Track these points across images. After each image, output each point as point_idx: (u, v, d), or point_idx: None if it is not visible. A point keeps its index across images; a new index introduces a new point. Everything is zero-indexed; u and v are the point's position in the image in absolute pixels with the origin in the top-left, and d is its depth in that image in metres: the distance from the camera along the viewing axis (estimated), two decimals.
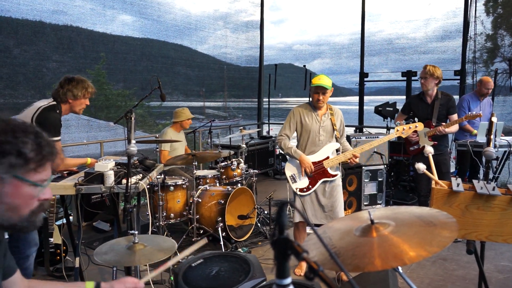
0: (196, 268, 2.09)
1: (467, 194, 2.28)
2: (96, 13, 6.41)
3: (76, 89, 3.21)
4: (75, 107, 3.28)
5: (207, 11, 8.59)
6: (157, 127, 8.10)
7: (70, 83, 3.21)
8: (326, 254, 1.42)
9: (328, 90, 3.59)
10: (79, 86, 3.23)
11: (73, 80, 3.24)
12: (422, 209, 1.67)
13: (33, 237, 3.19)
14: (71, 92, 3.20)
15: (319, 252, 1.48)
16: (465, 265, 4.07)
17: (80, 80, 3.27)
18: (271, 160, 8.31)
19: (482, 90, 5.47)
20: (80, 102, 3.28)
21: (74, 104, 3.26)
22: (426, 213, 1.60)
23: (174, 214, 4.60)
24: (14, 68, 5.37)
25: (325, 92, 3.59)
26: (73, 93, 3.20)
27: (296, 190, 3.71)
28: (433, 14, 7.64)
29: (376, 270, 2.13)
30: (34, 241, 3.20)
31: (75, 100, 3.24)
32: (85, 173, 3.03)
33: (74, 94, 3.20)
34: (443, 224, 1.44)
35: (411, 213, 1.63)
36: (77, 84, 3.23)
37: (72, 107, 3.28)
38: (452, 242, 1.24)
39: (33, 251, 3.20)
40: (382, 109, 6.69)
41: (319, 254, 1.47)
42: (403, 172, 6.57)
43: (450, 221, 1.46)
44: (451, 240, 1.24)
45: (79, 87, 3.23)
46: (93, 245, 4.67)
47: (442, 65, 7.01)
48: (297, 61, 9.98)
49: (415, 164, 2.62)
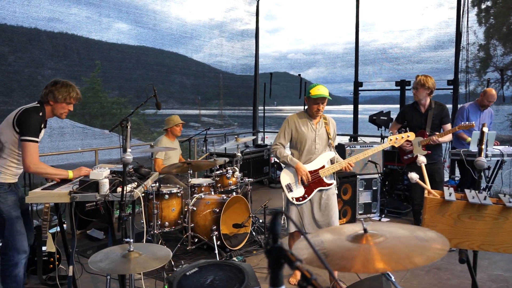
0: (191, 277, 2.09)
1: (459, 204, 2.31)
2: (92, 21, 6.44)
3: (59, 92, 3.19)
4: (56, 110, 3.26)
5: (203, 20, 8.65)
6: (152, 135, 8.10)
7: (54, 85, 3.21)
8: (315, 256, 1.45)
9: (326, 100, 3.62)
10: (62, 90, 3.21)
11: (58, 83, 3.23)
12: (426, 232, 1.68)
13: (22, 244, 3.19)
14: (52, 94, 3.18)
15: (310, 253, 1.50)
16: (459, 274, 4.09)
17: (66, 84, 3.25)
18: (266, 168, 8.33)
19: (484, 101, 5.46)
20: (62, 106, 3.24)
21: (55, 106, 3.23)
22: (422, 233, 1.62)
23: (168, 223, 4.59)
24: (8, 75, 5.37)
25: (324, 102, 3.62)
26: (54, 95, 3.18)
27: (292, 199, 3.71)
28: (426, 24, 7.75)
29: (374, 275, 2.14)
30: (23, 248, 3.19)
31: (56, 103, 3.22)
32: (80, 181, 3.03)
33: (55, 96, 3.19)
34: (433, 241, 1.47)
35: (407, 230, 1.65)
36: (60, 87, 3.21)
37: (53, 110, 3.25)
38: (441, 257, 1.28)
39: (22, 258, 3.19)
40: (376, 118, 6.74)
41: (309, 255, 1.49)
42: (397, 181, 6.60)
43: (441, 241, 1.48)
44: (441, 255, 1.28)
45: (62, 91, 3.21)
46: (86, 253, 4.65)
47: (435, 74, 7.11)
48: (292, 69, 10.05)
49: (408, 173, 2.64)
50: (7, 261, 3.15)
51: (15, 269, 3.16)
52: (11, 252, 3.14)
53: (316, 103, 3.59)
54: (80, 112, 6.57)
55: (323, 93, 3.54)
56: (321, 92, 3.54)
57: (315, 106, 3.61)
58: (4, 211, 3.10)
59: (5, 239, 3.15)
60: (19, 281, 3.20)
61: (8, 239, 3.14)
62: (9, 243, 3.14)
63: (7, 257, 3.15)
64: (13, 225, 3.14)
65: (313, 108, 3.64)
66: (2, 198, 3.11)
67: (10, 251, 3.14)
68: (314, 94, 3.55)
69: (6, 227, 3.12)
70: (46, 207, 3.75)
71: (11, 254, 3.14)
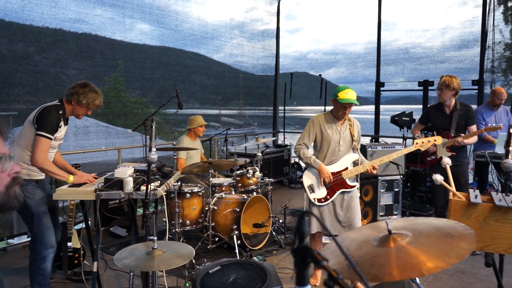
0: (214, 275, 2.12)
1: (485, 206, 2.27)
2: (116, 22, 6.56)
3: (85, 96, 3.28)
4: (76, 111, 3.35)
5: (223, 20, 8.70)
6: (173, 134, 8.19)
7: (82, 88, 3.29)
8: (344, 263, 1.44)
9: (353, 104, 3.59)
10: (88, 95, 3.29)
11: (87, 87, 3.31)
12: (440, 220, 1.67)
13: (50, 239, 3.29)
14: (77, 96, 3.27)
15: (337, 261, 1.49)
16: (483, 279, 4.00)
17: (93, 90, 3.34)
18: (286, 169, 8.32)
19: (495, 100, 5.41)
20: (82, 109, 3.34)
21: (76, 108, 3.33)
22: (444, 224, 1.60)
23: (190, 221, 4.65)
24: (35, 75, 5.52)
25: (351, 106, 3.59)
26: (79, 98, 3.27)
27: (314, 200, 3.70)
28: (450, 23, 7.61)
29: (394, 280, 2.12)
30: (50, 243, 3.30)
31: (78, 105, 3.31)
32: (105, 179, 3.09)
33: (79, 99, 3.27)
34: (461, 236, 1.44)
35: (429, 224, 1.63)
36: (88, 92, 3.30)
37: (74, 110, 3.35)
38: (470, 253, 1.24)
39: (50, 253, 3.29)
40: (398, 119, 6.65)
41: (336, 263, 1.48)
42: (420, 183, 6.50)
43: (468, 233, 1.46)
44: (469, 251, 1.25)
45: (88, 97, 3.29)
46: (109, 250, 4.74)
47: (460, 74, 6.97)
48: (312, 69, 10.01)
49: (433, 175, 2.60)
50: (36, 255, 3.26)
51: (43, 262, 3.26)
52: (40, 247, 3.25)
53: (344, 107, 3.56)
54: (103, 112, 6.69)
55: (352, 99, 3.50)
56: (349, 97, 3.50)
57: (342, 109, 3.59)
58: (32, 207, 3.20)
59: (34, 234, 3.26)
60: (47, 274, 3.30)
61: (37, 234, 3.25)
62: (38, 238, 3.25)
63: (35, 251, 3.25)
64: (41, 220, 3.24)
65: (339, 111, 3.61)
66: (30, 194, 3.21)
67: (38, 245, 3.25)
68: (342, 98, 3.51)
69: (35, 222, 3.22)
70: (71, 204, 3.84)
71: (39, 248, 3.25)
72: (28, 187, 3.21)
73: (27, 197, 3.19)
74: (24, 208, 3.22)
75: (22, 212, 3.26)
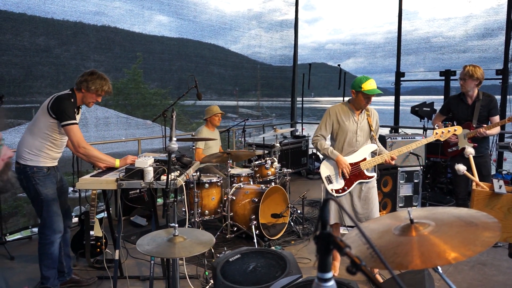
0: (234, 263, 2.14)
1: (510, 197, 2.23)
2: (135, 14, 6.61)
3: (93, 83, 3.34)
4: (86, 99, 3.41)
5: (241, 11, 8.68)
6: (191, 125, 8.26)
7: (90, 75, 3.36)
8: (366, 253, 1.43)
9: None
10: (97, 81, 3.36)
11: (95, 74, 3.38)
12: (461, 210, 1.64)
13: (58, 225, 3.39)
14: (86, 83, 3.34)
15: (358, 251, 1.49)
16: (506, 271, 3.94)
17: (101, 77, 3.40)
18: (304, 159, 8.30)
19: None
20: (91, 96, 3.40)
21: (86, 95, 3.39)
22: (465, 213, 1.58)
23: (208, 211, 4.69)
24: (56, 68, 5.63)
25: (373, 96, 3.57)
26: (88, 85, 3.34)
27: (331, 191, 3.68)
28: (473, 12, 7.41)
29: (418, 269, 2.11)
30: (58, 228, 3.40)
31: (88, 92, 3.37)
32: (126, 169, 3.14)
33: (88, 86, 3.34)
34: (485, 224, 1.42)
35: (450, 214, 1.61)
36: (96, 78, 3.36)
37: (84, 98, 3.41)
38: (496, 241, 1.22)
39: (57, 238, 3.40)
40: (419, 109, 6.54)
41: (358, 252, 1.48)
42: (440, 174, 6.40)
43: (491, 221, 1.44)
44: (495, 240, 1.23)
45: (96, 83, 3.36)
46: (130, 239, 4.83)
47: (483, 64, 6.80)
48: (330, 60, 9.90)
49: (455, 165, 2.57)
50: (44, 239, 3.37)
51: (51, 247, 3.37)
52: (48, 232, 3.36)
53: (367, 97, 3.54)
54: (122, 103, 6.78)
55: (377, 89, 3.49)
56: (374, 87, 3.48)
57: (366, 100, 3.56)
58: (42, 194, 3.30)
59: (43, 220, 3.37)
60: (54, 258, 3.41)
61: (46, 219, 3.35)
62: (46, 224, 3.36)
63: (44, 235, 3.37)
64: (50, 206, 3.34)
65: (362, 102, 3.58)
66: (41, 181, 3.30)
67: (47, 230, 3.36)
68: (367, 89, 3.48)
69: (44, 209, 3.33)
70: (93, 193, 3.92)
71: (48, 234, 3.36)
72: (39, 174, 3.30)
73: (37, 183, 3.29)
74: (34, 195, 3.31)
75: (32, 198, 3.36)
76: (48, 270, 3.40)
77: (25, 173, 3.28)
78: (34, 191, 3.30)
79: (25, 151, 3.28)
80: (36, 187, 3.29)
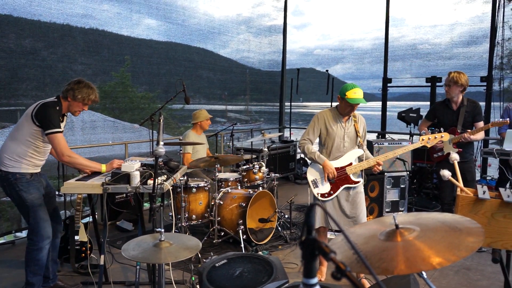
0: (220, 268, 2.13)
1: (493, 202, 2.26)
2: (123, 17, 6.57)
3: (79, 91, 3.33)
4: (72, 107, 3.39)
5: (230, 16, 8.69)
6: (179, 129, 8.21)
7: (76, 84, 3.34)
8: (352, 258, 1.44)
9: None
10: (83, 90, 3.34)
11: (81, 83, 3.36)
12: (445, 215, 1.66)
13: (46, 231, 3.35)
14: (72, 92, 3.32)
15: (344, 256, 1.49)
16: (489, 276, 3.99)
17: (88, 85, 3.39)
18: (291, 164, 8.32)
19: None
20: (77, 104, 3.38)
21: (72, 104, 3.36)
22: (450, 218, 1.60)
23: (195, 216, 4.66)
24: (42, 70, 5.55)
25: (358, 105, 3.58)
26: (74, 94, 3.32)
27: (317, 195, 3.70)
28: (458, 19, 7.55)
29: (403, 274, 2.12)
30: (47, 234, 3.35)
31: (74, 101, 3.35)
32: (112, 173, 3.11)
33: (74, 95, 3.32)
34: (468, 229, 1.43)
35: (435, 219, 1.63)
36: (83, 87, 3.35)
37: (70, 106, 3.38)
38: (479, 247, 1.24)
39: (46, 244, 3.35)
40: (406, 115, 6.61)
41: (344, 257, 1.48)
42: (426, 179, 6.47)
43: (474, 227, 1.45)
44: (478, 245, 1.24)
45: (83, 92, 3.34)
46: (116, 243, 4.77)
47: (468, 71, 6.90)
48: (318, 65, 9.99)
49: (440, 171, 2.59)
50: (32, 245, 3.32)
51: (39, 253, 3.32)
52: (36, 238, 3.31)
53: (350, 105, 3.56)
54: (110, 107, 6.72)
55: (360, 99, 3.49)
56: (357, 96, 3.48)
57: (349, 108, 3.58)
58: (27, 200, 3.25)
59: (30, 226, 3.32)
60: (41, 264, 3.36)
61: (33, 225, 3.30)
62: (34, 230, 3.31)
63: (32, 242, 3.32)
64: (37, 212, 3.29)
65: (346, 109, 3.61)
66: (24, 187, 3.25)
67: (35, 236, 3.31)
68: (350, 98, 3.49)
69: (31, 215, 3.28)
70: (79, 197, 3.87)
71: (36, 240, 3.31)
72: (22, 180, 3.25)
73: (21, 190, 3.24)
74: (19, 201, 3.27)
75: (17, 204, 3.32)
76: (34, 277, 3.34)
77: (8, 180, 3.23)
78: (18, 198, 3.25)
79: (7, 157, 3.23)
80: (20, 193, 3.24)
